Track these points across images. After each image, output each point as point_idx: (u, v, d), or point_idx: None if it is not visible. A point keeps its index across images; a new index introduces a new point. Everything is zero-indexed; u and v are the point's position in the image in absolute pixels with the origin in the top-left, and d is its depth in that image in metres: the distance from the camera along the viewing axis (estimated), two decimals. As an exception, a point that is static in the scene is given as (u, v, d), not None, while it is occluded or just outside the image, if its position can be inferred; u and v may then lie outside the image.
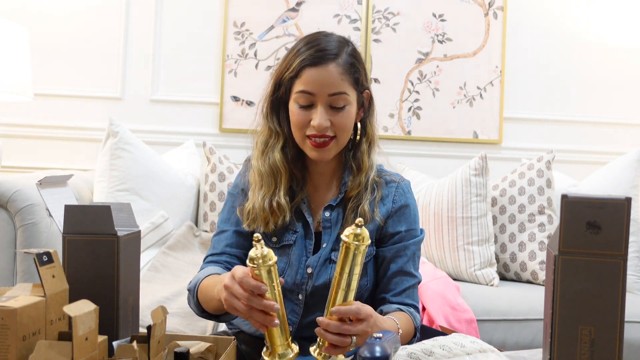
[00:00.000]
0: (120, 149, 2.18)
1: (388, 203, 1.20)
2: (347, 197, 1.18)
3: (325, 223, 1.18)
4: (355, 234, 0.89)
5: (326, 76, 1.11)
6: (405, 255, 1.19)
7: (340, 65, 1.12)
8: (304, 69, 1.11)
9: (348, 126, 1.15)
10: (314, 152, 1.14)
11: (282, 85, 1.15)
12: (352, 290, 0.90)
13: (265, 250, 0.86)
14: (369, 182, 1.19)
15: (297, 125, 1.14)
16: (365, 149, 1.22)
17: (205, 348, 0.87)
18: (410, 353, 0.88)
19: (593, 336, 0.76)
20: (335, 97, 1.12)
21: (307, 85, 1.11)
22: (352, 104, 1.15)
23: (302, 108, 1.13)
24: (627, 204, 0.75)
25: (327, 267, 1.15)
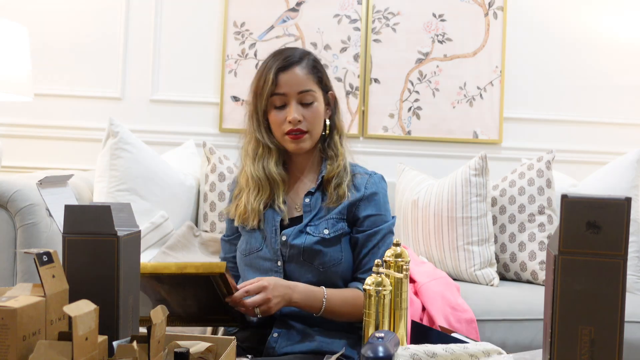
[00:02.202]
0: (120, 149, 2.18)
1: (360, 190, 1.38)
2: (326, 181, 1.37)
3: (305, 208, 1.37)
4: (376, 282, 0.95)
5: (294, 77, 1.34)
6: (375, 238, 1.35)
7: (305, 68, 1.36)
8: (278, 74, 1.33)
9: (318, 120, 1.37)
10: (292, 144, 1.35)
11: (261, 96, 1.35)
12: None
13: None
14: (345, 166, 1.39)
15: (276, 125, 1.36)
16: (337, 139, 1.42)
17: (205, 348, 0.87)
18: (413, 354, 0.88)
19: (593, 336, 0.76)
20: (303, 94, 1.34)
21: (279, 88, 1.34)
22: (319, 101, 1.37)
23: (277, 109, 1.35)
24: (627, 204, 0.75)
25: (300, 235, 1.33)
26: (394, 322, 0.97)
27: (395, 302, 0.97)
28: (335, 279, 1.33)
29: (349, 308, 1.29)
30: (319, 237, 1.32)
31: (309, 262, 1.32)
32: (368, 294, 0.93)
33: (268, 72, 1.35)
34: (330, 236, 1.33)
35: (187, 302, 1.17)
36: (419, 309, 1.80)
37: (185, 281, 1.11)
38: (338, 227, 1.34)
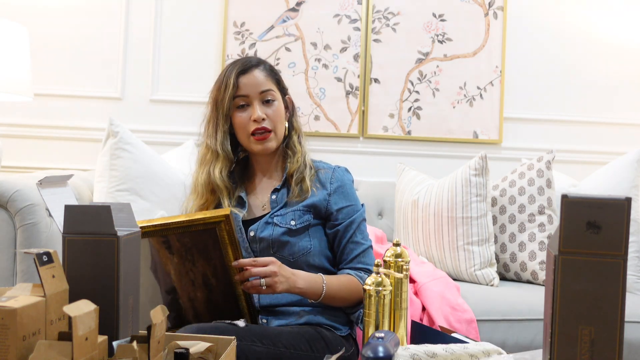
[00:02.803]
0: (120, 149, 2.18)
1: (327, 185, 1.43)
2: (289, 176, 1.43)
3: (272, 204, 1.43)
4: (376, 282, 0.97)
5: (254, 79, 1.41)
6: (352, 228, 1.42)
7: (263, 70, 1.43)
8: (239, 77, 1.39)
9: (280, 117, 1.43)
10: (258, 146, 1.41)
11: (222, 102, 1.40)
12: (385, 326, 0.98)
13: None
14: (305, 161, 1.44)
15: (241, 127, 1.41)
16: (296, 139, 1.48)
17: (205, 348, 0.87)
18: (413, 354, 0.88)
19: (593, 336, 0.76)
20: (265, 93, 1.41)
21: (240, 90, 1.40)
22: (279, 101, 1.44)
23: (240, 112, 1.41)
24: (627, 204, 0.75)
25: (267, 227, 1.38)
26: (394, 322, 0.97)
27: (395, 302, 0.97)
28: (307, 268, 1.38)
29: (346, 292, 1.34)
30: (285, 227, 1.37)
31: (279, 254, 1.36)
32: (368, 294, 0.93)
33: (228, 78, 1.41)
34: (296, 227, 1.38)
35: (196, 292, 1.17)
36: (419, 309, 1.80)
37: (193, 245, 1.13)
38: (304, 218, 1.39)
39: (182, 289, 1.19)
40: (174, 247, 1.16)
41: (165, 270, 1.18)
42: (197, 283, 1.17)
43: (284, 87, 1.50)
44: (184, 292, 1.19)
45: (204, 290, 1.18)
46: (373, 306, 0.93)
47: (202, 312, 1.22)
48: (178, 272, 1.17)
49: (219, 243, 1.13)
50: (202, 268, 1.16)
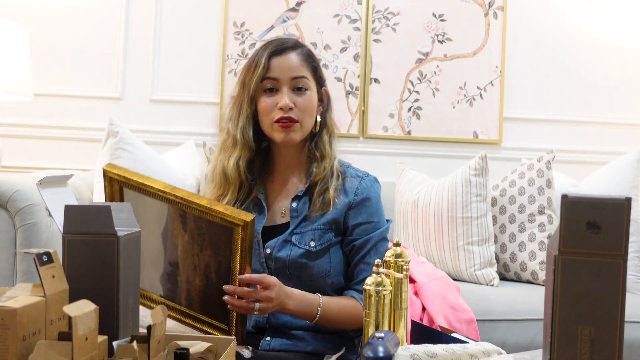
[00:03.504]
0: (120, 149, 2.18)
1: (350, 195, 1.29)
2: (313, 184, 1.28)
3: (292, 213, 1.28)
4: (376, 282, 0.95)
5: (288, 62, 1.27)
6: (366, 247, 1.27)
7: (299, 55, 1.29)
8: (271, 58, 1.26)
9: (310, 109, 1.28)
10: (282, 134, 1.25)
11: (249, 83, 1.27)
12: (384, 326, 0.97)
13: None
14: (333, 169, 1.29)
15: (265, 113, 1.26)
16: (326, 139, 1.32)
17: (205, 348, 0.87)
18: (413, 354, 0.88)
19: (593, 336, 0.76)
20: (297, 80, 1.26)
21: (271, 72, 1.26)
22: (312, 90, 1.29)
23: (267, 96, 1.26)
24: (627, 204, 0.75)
25: (284, 246, 1.25)
26: (394, 322, 0.97)
27: (395, 302, 0.97)
28: (326, 289, 1.26)
29: (346, 317, 1.23)
30: (304, 249, 1.24)
31: (297, 276, 1.24)
32: (368, 294, 0.93)
33: (260, 57, 1.27)
34: (316, 249, 1.25)
35: (195, 278, 1.14)
36: (419, 309, 1.80)
37: (207, 232, 1.09)
38: (325, 238, 1.26)
39: (183, 267, 1.14)
40: (189, 225, 1.11)
41: (174, 243, 1.14)
42: (199, 270, 1.12)
43: (321, 77, 1.33)
44: (184, 272, 1.14)
45: (203, 281, 1.13)
46: (373, 306, 0.93)
47: (195, 300, 1.15)
48: (184, 251, 1.13)
49: (231, 244, 1.07)
50: (208, 259, 1.11)
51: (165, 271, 1.17)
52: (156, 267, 1.18)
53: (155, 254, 1.18)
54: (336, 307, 1.22)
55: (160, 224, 1.16)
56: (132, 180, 1.14)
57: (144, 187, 1.13)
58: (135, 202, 1.13)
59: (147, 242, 1.15)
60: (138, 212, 1.15)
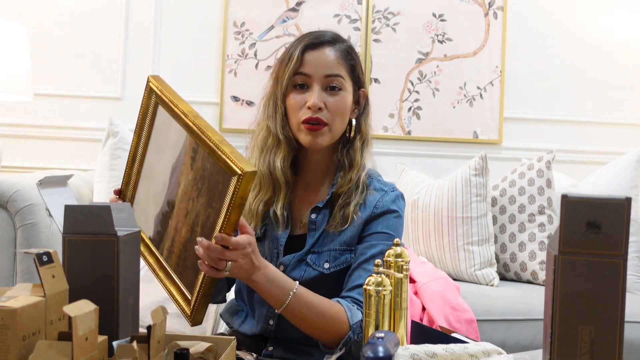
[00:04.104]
0: (120, 149, 2.18)
1: (369, 209, 1.18)
2: (336, 196, 1.18)
3: (310, 225, 1.18)
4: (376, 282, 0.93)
5: (322, 57, 1.16)
6: (369, 252, 1.14)
7: (337, 50, 1.17)
8: (305, 51, 1.15)
9: (342, 112, 1.16)
10: (308, 137, 1.15)
11: (282, 77, 1.17)
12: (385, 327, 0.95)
13: None
14: (359, 181, 1.18)
15: (293, 110, 1.16)
16: (359, 147, 1.21)
17: (205, 348, 0.87)
18: (413, 354, 0.88)
19: (593, 336, 0.76)
20: (330, 78, 1.15)
21: (303, 67, 1.15)
22: (347, 91, 1.17)
23: (298, 91, 1.16)
24: (627, 204, 0.75)
25: (298, 265, 1.16)
26: (394, 322, 0.97)
27: (395, 302, 0.97)
28: None
29: (319, 321, 1.07)
30: (318, 271, 1.15)
31: None
32: (368, 294, 0.93)
33: (294, 50, 1.17)
34: (329, 271, 1.15)
35: (183, 227, 1.04)
36: (419, 309, 1.80)
37: (209, 175, 0.99)
38: (341, 260, 1.16)
39: (177, 212, 1.05)
40: (197, 163, 1.01)
41: (178, 180, 1.06)
42: (189, 219, 1.02)
43: (359, 78, 1.21)
44: (176, 216, 1.05)
45: (188, 232, 1.03)
46: (373, 306, 0.93)
47: (174, 253, 1.05)
48: (184, 192, 1.04)
49: (224, 196, 0.95)
50: (200, 208, 1.00)
51: (162, 210, 1.10)
52: (156, 202, 1.11)
53: (160, 187, 1.11)
54: (311, 305, 1.06)
55: (174, 155, 1.07)
56: (166, 96, 1.08)
57: (173, 105, 1.06)
58: (163, 125, 1.10)
59: (158, 171, 1.11)
60: (162, 135, 1.11)
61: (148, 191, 1.15)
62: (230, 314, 1.28)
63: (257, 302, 1.20)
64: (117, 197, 1.20)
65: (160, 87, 1.11)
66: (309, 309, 1.06)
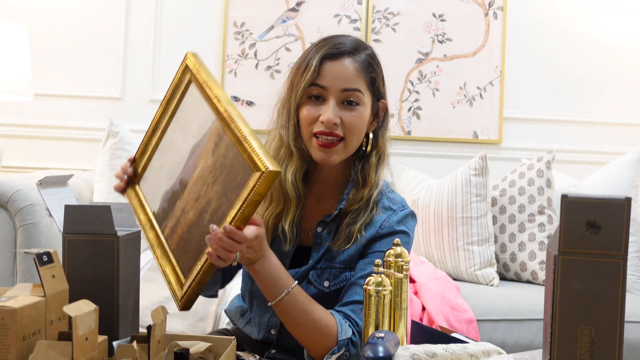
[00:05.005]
0: (120, 149, 2.18)
1: (374, 228, 1.12)
2: (345, 213, 1.13)
3: (316, 239, 1.14)
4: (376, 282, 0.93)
5: (341, 70, 1.09)
6: (369, 268, 1.09)
7: (357, 62, 1.10)
8: (323, 62, 1.09)
9: (359, 128, 1.10)
10: (319, 153, 1.09)
11: (297, 86, 1.11)
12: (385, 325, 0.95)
13: None
14: (371, 200, 1.13)
15: (305, 122, 1.10)
16: (374, 162, 1.15)
17: (205, 348, 0.87)
18: (413, 354, 0.88)
19: (593, 336, 0.76)
20: (348, 93, 1.09)
21: (320, 79, 1.09)
22: (365, 106, 1.11)
23: (312, 103, 1.10)
24: (627, 204, 0.75)
25: (302, 283, 1.11)
26: (394, 322, 0.97)
27: (395, 302, 0.97)
28: None
29: (310, 326, 1.03)
30: (318, 289, 1.12)
31: None
32: (368, 294, 0.93)
33: (311, 59, 1.10)
34: (330, 289, 1.12)
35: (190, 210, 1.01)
36: (419, 309, 1.80)
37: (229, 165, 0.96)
38: (340, 278, 1.12)
39: (188, 193, 1.02)
40: (219, 149, 0.98)
41: (196, 162, 1.02)
42: (199, 203, 0.99)
43: (379, 90, 1.15)
44: (186, 198, 1.03)
45: (195, 216, 1.00)
46: (373, 306, 0.93)
47: (177, 233, 1.03)
48: (200, 175, 1.01)
49: (241, 189, 0.92)
50: (213, 195, 0.97)
51: (172, 188, 1.07)
52: (168, 179, 1.09)
53: (175, 165, 1.08)
54: (305, 308, 1.02)
55: (197, 136, 1.04)
56: (201, 76, 1.05)
57: (207, 87, 1.03)
58: (192, 104, 1.07)
59: (177, 148, 1.09)
60: (188, 114, 1.09)
61: (162, 166, 1.12)
62: (236, 312, 1.27)
63: (258, 308, 1.18)
64: (130, 163, 1.18)
65: (197, 66, 1.07)
66: (301, 311, 1.02)
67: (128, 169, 1.17)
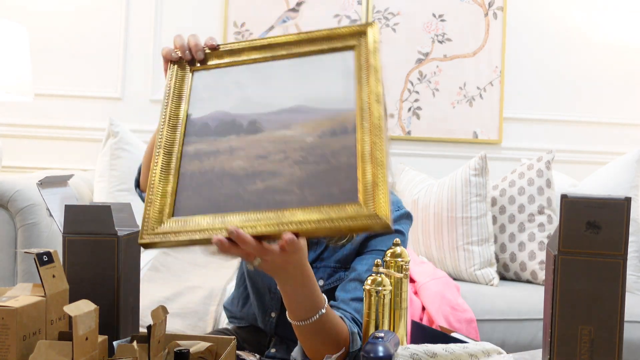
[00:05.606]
0: (120, 149, 2.18)
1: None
2: None
3: (312, 238, 1.11)
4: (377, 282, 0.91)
5: None
6: (369, 262, 1.07)
7: None
8: None
9: None
10: None
11: None
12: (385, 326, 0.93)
13: None
14: None
15: None
16: None
17: (205, 348, 0.87)
18: (413, 354, 0.88)
19: (593, 336, 0.76)
20: None
21: None
22: None
23: None
24: (627, 204, 0.75)
25: None
26: (394, 322, 0.97)
27: (395, 302, 0.97)
28: None
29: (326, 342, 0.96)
30: None
31: None
32: (368, 294, 0.93)
33: None
34: (324, 288, 1.10)
35: (244, 160, 0.80)
36: (419, 309, 1.80)
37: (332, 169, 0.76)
38: (335, 277, 1.12)
39: (254, 141, 0.82)
40: (333, 140, 0.79)
41: (292, 120, 0.83)
42: (259, 164, 0.80)
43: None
44: (247, 142, 0.82)
45: (240, 170, 0.80)
46: (373, 306, 0.93)
47: (201, 167, 0.83)
48: (284, 138, 0.81)
49: (329, 202, 0.73)
50: (286, 172, 0.77)
51: (235, 114, 0.84)
52: (238, 98, 0.86)
53: (258, 94, 0.86)
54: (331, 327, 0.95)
55: (315, 101, 0.84)
56: (376, 56, 0.89)
57: (373, 74, 0.88)
58: (340, 70, 0.88)
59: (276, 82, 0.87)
60: (324, 71, 0.88)
61: (239, 81, 0.89)
62: (232, 301, 1.27)
63: (256, 290, 1.18)
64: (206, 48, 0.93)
65: (375, 45, 0.90)
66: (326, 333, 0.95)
67: (199, 46, 0.93)
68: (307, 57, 0.88)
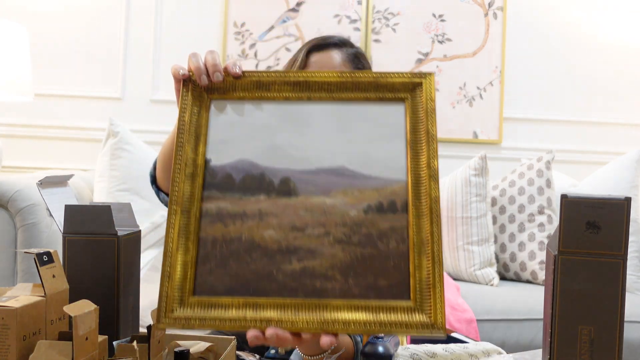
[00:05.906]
0: (120, 149, 2.18)
1: None
2: None
3: None
4: None
5: (328, 59, 1.08)
6: None
7: (344, 54, 1.10)
8: (310, 53, 1.08)
9: None
10: None
11: None
12: None
13: None
14: None
15: None
16: None
17: (205, 348, 0.87)
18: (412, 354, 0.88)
19: (593, 336, 0.76)
20: None
21: (307, 68, 1.07)
22: None
23: None
24: (627, 204, 0.75)
25: None
26: (394, 322, 0.97)
27: None
28: None
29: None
30: None
31: None
32: None
33: (299, 52, 1.11)
34: None
35: (277, 230, 0.71)
36: (418, 309, 1.80)
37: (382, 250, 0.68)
38: None
39: (287, 206, 0.72)
40: (379, 218, 0.70)
41: (332, 185, 0.71)
42: (294, 238, 0.70)
43: None
44: (278, 208, 0.72)
45: (272, 242, 0.70)
46: None
47: (223, 233, 0.72)
48: (323, 205, 0.71)
49: (375, 296, 0.66)
50: (326, 252, 0.69)
51: (264, 171, 0.73)
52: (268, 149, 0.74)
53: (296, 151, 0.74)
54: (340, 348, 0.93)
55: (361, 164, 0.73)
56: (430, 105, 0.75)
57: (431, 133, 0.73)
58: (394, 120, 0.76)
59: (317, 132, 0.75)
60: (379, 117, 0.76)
61: (269, 125, 0.76)
62: None
63: None
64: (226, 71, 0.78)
65: (432, 95, 0.76)
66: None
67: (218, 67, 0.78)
68: (350, 105, 0.76)
